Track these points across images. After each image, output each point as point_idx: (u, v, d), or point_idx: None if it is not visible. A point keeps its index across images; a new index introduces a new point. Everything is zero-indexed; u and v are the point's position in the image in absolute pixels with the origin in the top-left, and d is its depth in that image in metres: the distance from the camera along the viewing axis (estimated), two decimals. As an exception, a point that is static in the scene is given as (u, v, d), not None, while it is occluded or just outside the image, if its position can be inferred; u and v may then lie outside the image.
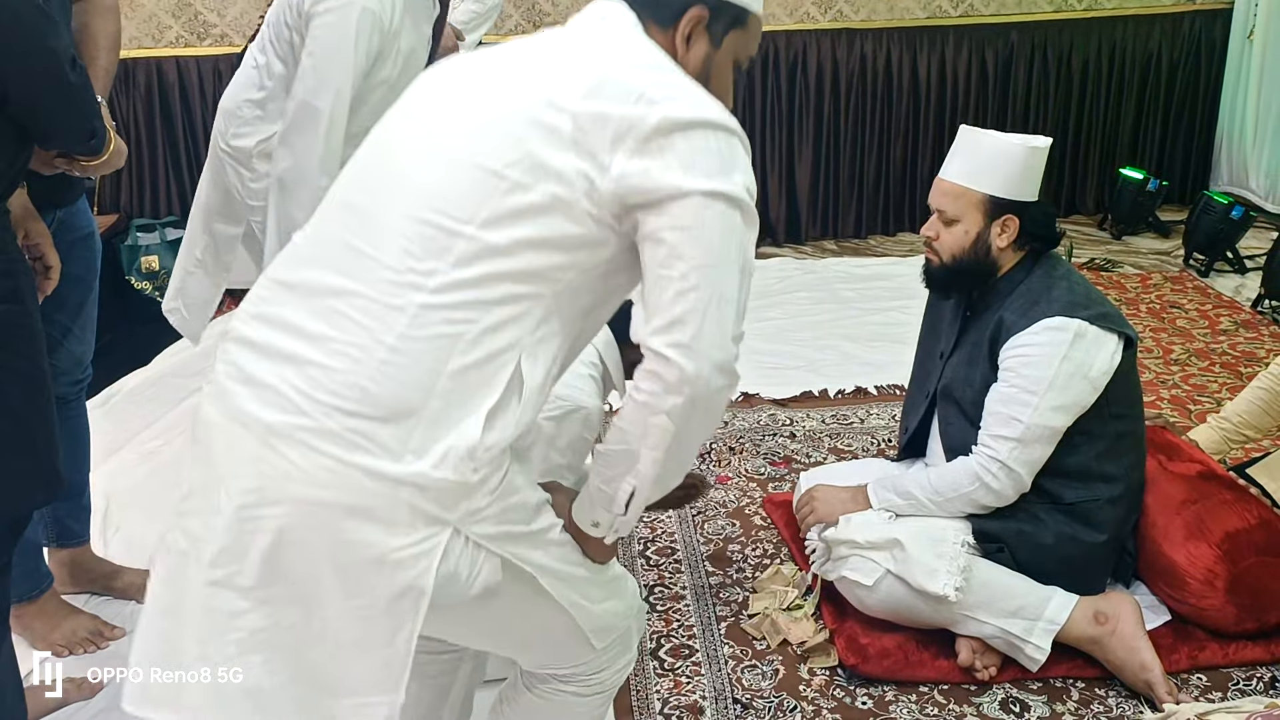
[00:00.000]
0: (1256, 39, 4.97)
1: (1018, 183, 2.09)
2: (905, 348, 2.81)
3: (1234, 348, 3.64)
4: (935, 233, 2.15)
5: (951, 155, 2.15)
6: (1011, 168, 2.08)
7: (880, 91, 4.84)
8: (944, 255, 2.15)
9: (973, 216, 2.11)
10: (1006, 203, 2.09)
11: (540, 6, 4.47)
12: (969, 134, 2.13)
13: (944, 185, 2.14)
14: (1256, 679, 2.08)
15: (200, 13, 4.21)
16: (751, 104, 4.71)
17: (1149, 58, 5.10)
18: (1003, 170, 2.08)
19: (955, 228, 2.12)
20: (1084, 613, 2.05)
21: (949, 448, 2.20)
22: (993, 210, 2.09)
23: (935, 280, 2.21)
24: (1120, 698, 2.04)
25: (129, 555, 2.50)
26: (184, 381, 3.49)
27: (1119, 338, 2.05)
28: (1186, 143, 5.28)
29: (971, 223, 2.11)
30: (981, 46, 4.89)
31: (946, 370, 2.23)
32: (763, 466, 2.92)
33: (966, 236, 2.11)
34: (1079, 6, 4.98)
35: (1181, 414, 3.16)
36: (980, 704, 2.03)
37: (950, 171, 2.14)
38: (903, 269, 4.44)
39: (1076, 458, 2.09)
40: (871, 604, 2.11)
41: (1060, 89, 5.03)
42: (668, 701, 2.06)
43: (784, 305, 4.11)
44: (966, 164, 2.11)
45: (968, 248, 2.12)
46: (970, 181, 2.10)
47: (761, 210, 4.84)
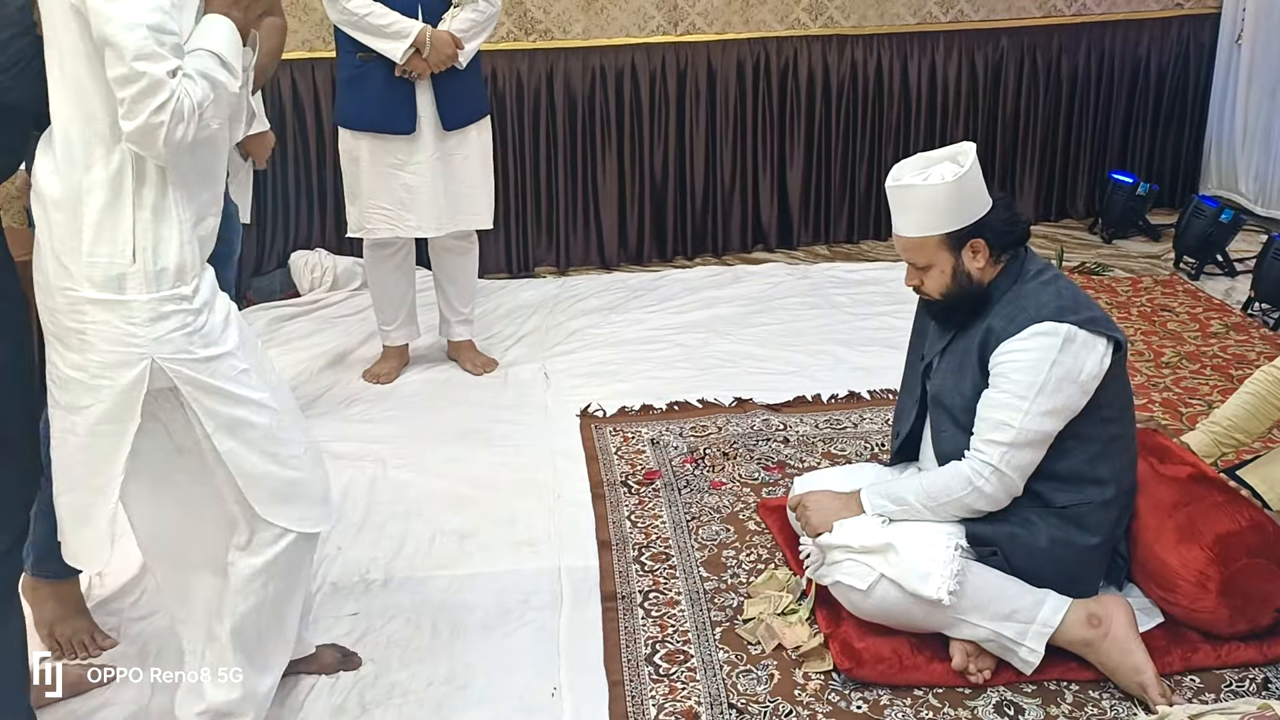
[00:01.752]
0: (1244, 43, 5.00)
1: (963, 210, 2.11)
2: (897, 352, 2.82)
3: (1225, 350, 3.66)
4: (918, 280, 2.20)
5: (894, 211, 2.17)
6: (949, 203, 2.09)
7: (871, 97, 4.85)
8: (934, 294, 2.19)
9: (941, 256, 2.14)
10: (964, 230, 2.11)
11: (531, 14, 4.48)
12: (897, 188, 2.14)
13: (902, 241, 2.17)
14: (1249, 680, 2.09)
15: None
16: (744, 110, 4.73)
17: (1138, 62, 5.12)
18: (943, 208, 2.10)
19: (931, 271, 2.16)
20: (1077, 616, 2.06)
21: (941, 454, 2.21)
22: (955, 242, 2.12)
23: (937, 315, 2.25)
24: (1114, 700, 2.05)
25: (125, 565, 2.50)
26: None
27: (1108, 341, 2.06)
28: (1176, 147, 5.30)
29: (943, 262, 2.14)
30: (971, 52, 4.92)
31: (935, 377, 2.25)
32: (756, 472, 2.93)
33: (944, 276, 2.15)
34: (1068, 11, 5.01)
35: (1173, 417, 3.18)
36: (975, 707, 2.04)
37: (901, 226, 2.16)
38: (895, 274, 4.44)
39: (1068, 461, 2.10)
40: (865, 608, 2.11)
41: (1050, 94, 5.05)
42: (663, 707, 2.07)
43: (776, 310, 4.12)
44: (910, 217, 2.14)
45: (950, 284, 2.15)
46: (921, 230, 2.13)
47: (754, 215, 4.91)
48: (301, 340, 3.91)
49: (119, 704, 2.09)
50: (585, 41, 4.54)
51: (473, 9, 3.28)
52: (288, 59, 4.28)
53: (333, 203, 4.40)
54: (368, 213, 3.40)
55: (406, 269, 3.58)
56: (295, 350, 3.81)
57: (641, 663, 2.20)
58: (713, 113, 4.70)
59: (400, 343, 3.65)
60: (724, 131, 4.73)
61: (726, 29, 4.67)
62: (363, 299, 4.13)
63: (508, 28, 4.45)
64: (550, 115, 4.56)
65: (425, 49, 3.19)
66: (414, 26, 3.17)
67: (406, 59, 3.19)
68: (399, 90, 3.26)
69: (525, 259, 4.71)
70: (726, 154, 4.75)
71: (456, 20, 3.25)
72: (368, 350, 3.78)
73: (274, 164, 4.35)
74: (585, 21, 4.54)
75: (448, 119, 3.33)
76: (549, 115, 4.56)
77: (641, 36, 4.59)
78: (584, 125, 4.59)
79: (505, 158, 4.51)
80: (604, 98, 4.58)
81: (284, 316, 4.13)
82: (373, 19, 3.16)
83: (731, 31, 4.67)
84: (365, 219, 3.41)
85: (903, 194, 2.13)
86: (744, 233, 4.88)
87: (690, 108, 4.67)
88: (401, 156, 3.33)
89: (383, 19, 3.16)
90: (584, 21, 4.54)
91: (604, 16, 4.55)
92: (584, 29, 4.54)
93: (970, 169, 2.09)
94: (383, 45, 3.19)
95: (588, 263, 4.74)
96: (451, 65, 3.25)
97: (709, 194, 4.80)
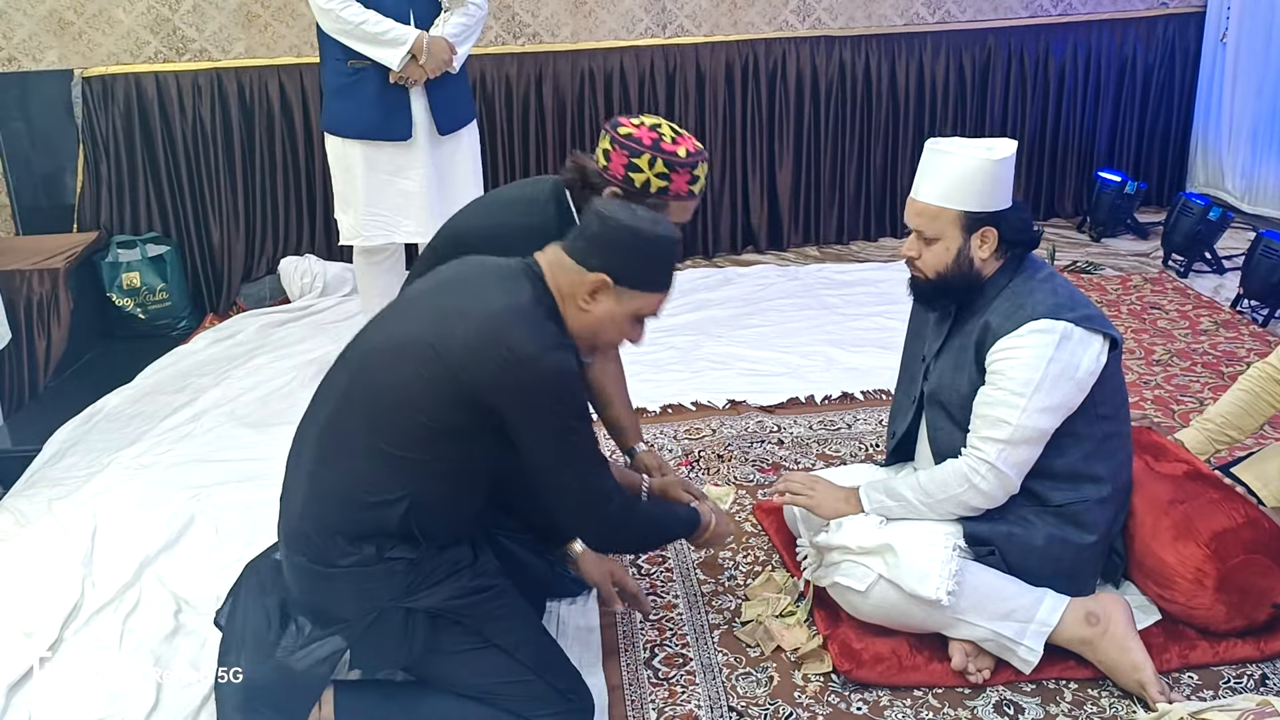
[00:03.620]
0: (1229, 41, 5.03)
1: (990, 194, 2.09)
2: (890, 353, 2.82)
3: (1215, 347, 3.67)
4: (916, 252, 2.15)
5: (921, 174, 2.14)
6: (982, 182, 2.08)
7: (859, 98, 4.86)
8: (928, 272, 2.15)
9: (951, 233, 2.11)
10: (982, 215, 2.09)
11: (520, 18, 4.47)
12: (936, 151, 2.12)
13: (918, 205, 2.14)
14: (1247, 676, 2.10)
15: (179, 28, 4.19)
16: (732, 112, 4.73)
17: (1124, 61, 5.14)
18: (974, 185, 2.08)
19: (936, 245, 2.13)
20: (1075, 614, 2.06)
21: (938, 452, 2.21)
22: (970, 224, 2.10)
23: (922, 294, 2.22)
24: (1113, 698, 2.05)
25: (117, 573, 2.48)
26: (168, 398, 3.47)
27: (1104, 339, 2.06)
28: (1163, 145, 5.32)
29: (951, 239, 2.11)
30: (959, 52, 4.93)
31: (932, 375, 2.24)
32: (751, 474, 2.92)
33: (948, 253, 2.12)
34: (1054, 11, 5.02)
35: (1165, 414, 3.19)
36: (974, 707, 2.04)
37: (922, 192, 2.13)
38: (885, 274, 4.46)
39: (1064, 459, 2.10)
40: (864, 609, 2.11)
41: (1037, 93, 5.06)
42: (663, 711, 2.06)
43: (767, 312, 4.12)
44: (937, 183, 2.11)
45: (950, 263, 2.12)
46: (944, 200, 2.10)
47: (743, 217, 4.91)
48: (292, 347, 3.89)
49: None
50: (573, 45, 4.54)
51: (462, 13, 3.28)
52: (276, 64, 4.28)
53: (322, 209, 4.38)
54: (364, 220, 3.38)
55: (397, 274, 3.56)
56: (286, 357, 3.79)
57: (641, 666, 2.19)
58: (701, 114, 4.70)
59: (391, 348, 3.62)
60: (713, 133, 4.73)
61: (715, 31, 4.67)
62: (353, 304, 4.12)
63: (496, 31, 4.45)
64: (539, 118, 4.56)
65: (423, 55, 3.18)
66: (410, 33, 3.17)
67: (403, 66, 3.18)
68: (394, 97, 3.26)
69: (515, 262, 4.69)
70: (716, 155, 4.75)
71: (448, 25, 3.25)
72: (359, 356, 3.76)
73: (262, 169, 4.34)
74: (573, 24, 4.53)
75: (442, 124, 3.32)
76: (538, 118, 4.55)
77: (630, 39, 4.59)
78: (573, 128, 4.59)
79: (495, 161, 4.50)
80: (593, 100, 4.58)
81: (274, 323, 4.11)
82: (368, 27, 3.15)
83: (720, 33, 4.67)
84: (362, 226, 3.40)
85: (941, 159, 2.10)
86: (734, 234, 4.88)
87: (679, 110, 4.66)
88: (398, 163, 3.32)
89: (378, 26, 3.15)
90: (572, 24, 4.53)
91: (592, 19, 4.54)
92: (572, 32, 4.54)
93: (1010, 157, 2.09)
94: (379, 53, 3.18)
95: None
96: (445, 70, 3.25)
97: (699, 196, 4.79)
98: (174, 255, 4.19)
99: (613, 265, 1.82)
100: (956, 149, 2.09)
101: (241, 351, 3.86)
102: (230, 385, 3.57)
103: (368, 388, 1.82)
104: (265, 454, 3.06)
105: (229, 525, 2.71)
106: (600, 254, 1.82)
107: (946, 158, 2.09)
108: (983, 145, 2.10)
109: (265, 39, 4.28)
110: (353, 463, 1.81)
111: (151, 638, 2.28)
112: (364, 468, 1.81)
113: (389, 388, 1.79)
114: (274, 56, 4.30)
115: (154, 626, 2.32)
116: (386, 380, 1.80)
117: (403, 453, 1.79)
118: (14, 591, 2.44)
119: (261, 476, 2.93)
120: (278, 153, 4.35)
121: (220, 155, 4.29)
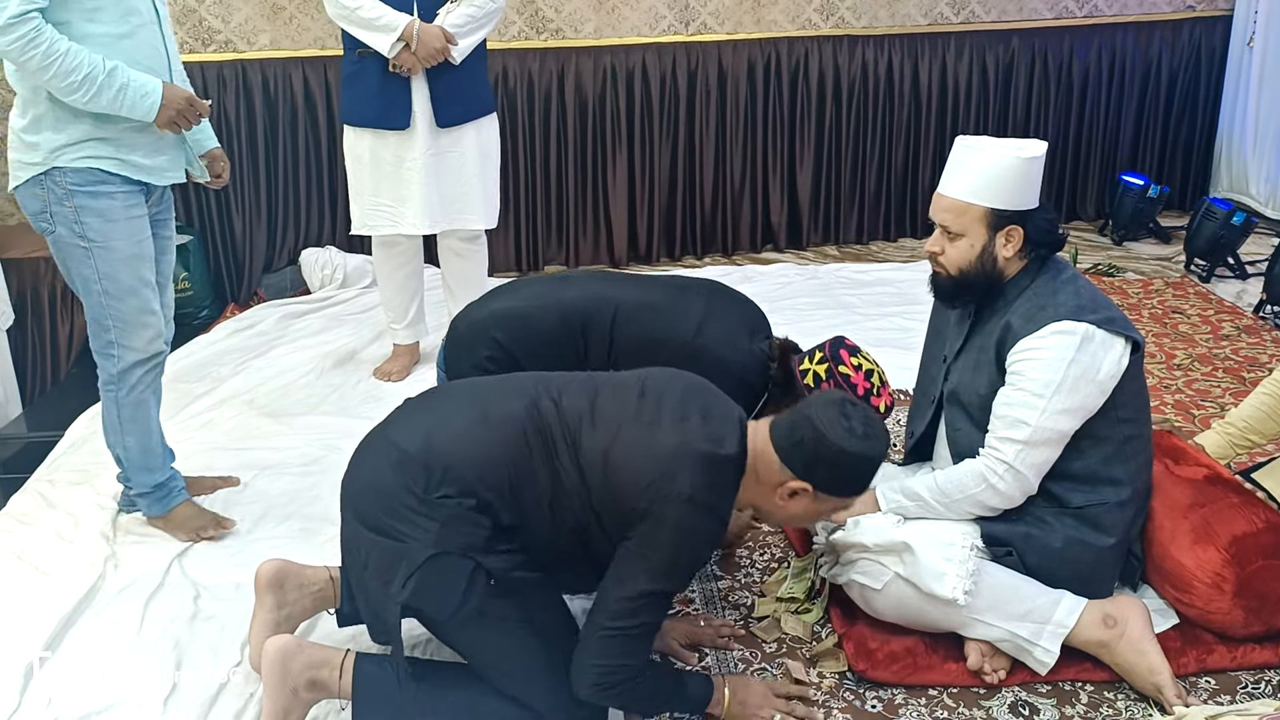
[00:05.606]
0: (1256, 46, 5.00)
1: (1018, 193, 2.09)
2: (908, 353, 2.81)
3: (1236, 353, 3.65)
4: (940, 248, 2.15)
5: (950, 169, 2.14)
6: (1012, 179, 2.08)
7: (882, 97, 4.85)
8: (950, 269, 2.15)
9: (977, 230, 2.11)
10: (1009, 214, 2.09)
11: (543, 13, 4.48)
12: (965, 147, 2.12)
13: (945, 201, 2.14)
14: (1265, 682, 2.09)
15: (205, 19, 4.22)
16: (754, 110, 4.73)
17: (1149, 64, 5.12)
18: (1003, 183, 2.08)
19: (960, 242, 2.12)
20: (1093, 616, 2.06)
21: (956, 452, 2.21)
22: (996, 222, 2.09)
23: (943, 291, 2.21)
24: (1129, 701, 2.04)
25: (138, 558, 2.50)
26: (188, 387, 3.50)
27: (1126, 341, 2.05)
28: (1187, 149, 5.30)
29: (976, 236, 2.11)
30: (982, 53, 4.91)
31: (952, 375, 2.24)
32: (768, 471, 2.92)
33: (972, 250, 2.12)
34: (1079, 13, 5.00)
35: (1185, 419, 3.17)
36: (989, 707, 2.04)
37: (950, 186, 2.13)
38: (905, 274, 4.45)
39: (1084, 462, 2.09)
40: (880, 607, 2.11)
41: (1061, 95, 5.04)
42: (677, 705, 2.06)
43: (785, 311, 4.10)
44: (966, 178, 2.10)
45: (974, 260, 2.12)
46: (971, 196, 2.09)
47: (763, 215, 4.90)
48: (312, 338, 3.91)
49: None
50: (596, 41, 4.54)
51: (470, 4, 3.25)
52: (300, 56, 4.30)
53: (343, 200, 4.38)
54: (369, 210, 3.40)
55: (415, 267, 3.57)
56: (305, 348, 3.81)
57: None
58: (723, 112, 4.70)
59: (409, 341, 3.64)
60: (734, 131, 4.73)
61: (738, 29, 4.67)
62: (373, 297, 4.14)
63: (519, 27, 4.46)
64: (560, 114, 4.56)
65: (413, 42, 3.17)
66: (402, 20, 3.14)
67: (396, 53, 3.18)
68: (394, 86, 3.25)
69: (534, 257, 4.71)
70: (736, 154, 4.75)
71: (452, 15, 3.22)
72: (378, 348, 3.78)
73: (285, 161, 4.36)
74: (596, 21, 4.54)
75: (441, 116, 3.31)
76: (559, 114, 4.56)
77: (652, 36, 4.59)
78: (594, 124, 4.59)
79: (515, 156, 4.51)
80: (614, 97, 4.58)
81: (294, 314, 4.13)
82: (363, 12, 3.15)
83: (742, 31, 4.67)
84: (367, 216, 3.41)
85: (971, 154, 2.10)
86: (753, 232, 4.88)
87: (700, 107, 4.67)
88: (400, 153, 3.32)
89: (372, 12, 3.14)
90: (595, 21, 4.54)
91: (615, 16, 4.55)
92: (595, 28, 4.54)
93: (1040, 156, 2.09)
94: (373, 39, 3.18)
95: (597, 261, 4.74)
96: (445, 61, 3.25)
97: (718, 193, 4.80)
98: (196, 245, 4.22)
99: (818, 477, 1.84)
100: (987, 145, 2.09)
101: (262, 342, 3.89)
102: (250, 375, 3.59)
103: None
104: (284, 444, 3.08)
105: (248, 513, 2.73)
106: (808, 465, 1.83)
107: (977, 154, 2.09)
108: (1013, 144, 2.10)
109: (290, 31, 4.31)
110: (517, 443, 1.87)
111: (171, 623, 2.30)
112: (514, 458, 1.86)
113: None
114: (298, 49, 4.32)
115: (174, 611, 2.34)
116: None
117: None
118: (36, 573, 2.47)
119: (280, 465, 2.95)
120: (300, 145, 4.37)
121: (244, 146, 4.31)
